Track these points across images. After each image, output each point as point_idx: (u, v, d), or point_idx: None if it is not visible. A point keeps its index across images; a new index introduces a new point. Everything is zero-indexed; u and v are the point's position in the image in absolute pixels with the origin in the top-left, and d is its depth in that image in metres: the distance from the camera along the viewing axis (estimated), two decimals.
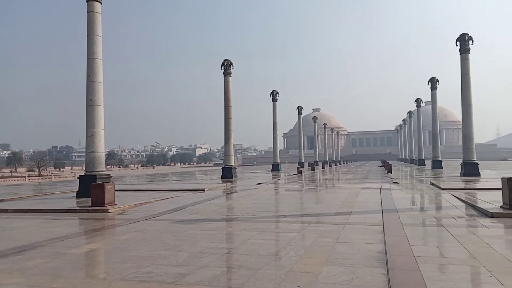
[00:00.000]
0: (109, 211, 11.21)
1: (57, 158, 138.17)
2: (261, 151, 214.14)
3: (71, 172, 69.73)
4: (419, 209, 11.45)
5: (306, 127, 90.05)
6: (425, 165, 47.62)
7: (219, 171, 34.19)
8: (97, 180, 14.28)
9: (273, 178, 29.09)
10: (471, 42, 24.75)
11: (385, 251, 5.92)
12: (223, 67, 29.25)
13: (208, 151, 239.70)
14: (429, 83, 40.83)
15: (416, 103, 53.52)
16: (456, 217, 9.13)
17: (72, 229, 9.11)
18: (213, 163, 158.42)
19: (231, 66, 29.42)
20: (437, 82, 40.51)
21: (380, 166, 51.95)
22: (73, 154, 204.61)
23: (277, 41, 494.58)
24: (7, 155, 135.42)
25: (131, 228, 8.67)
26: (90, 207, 11.66)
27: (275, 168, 42.49)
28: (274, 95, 44.24)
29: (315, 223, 8.76)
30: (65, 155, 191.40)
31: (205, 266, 5.34)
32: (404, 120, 79.15)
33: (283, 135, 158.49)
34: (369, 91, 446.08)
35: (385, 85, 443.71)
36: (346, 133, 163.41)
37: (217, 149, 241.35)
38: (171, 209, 11.64)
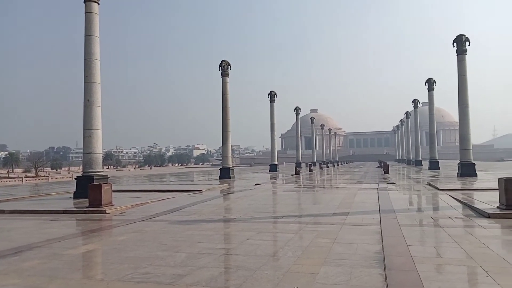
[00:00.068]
0: (107, 212, 11.19)
1: (54, 158, 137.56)
2: (259, 151, 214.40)
3: (68, 172, 69.46)
4: (416, 210, 11.51)
5: (303, 128, 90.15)
6: (422, 165, 47.72)
7: (216, 171, 34.20)
8: (94, 180, 14.25)
9: (271, 178, 29.10)
10: (468, 43, 24.89)
11: (383, 251, 5.94)
12: (221, 68, 29.25)
13: (205, 151, 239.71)
14: (426, 84, 40.94)
15: (413, 104, 53.67)
16: (453, 217, 9.17)
17: (69, 230, 9.08)
18: (211, 163, 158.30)
19: (229, 67, 29.42)
20: (434, 83, 40.64)
21: (377, 166, 52.08)
22: (70, 154, 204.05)
23: (275, 42, 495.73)
24: (4, 156, 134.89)
25: (128, 229, 8.65)
26: (87, 208, 11.63)
27: (273, 168, 42.51)
28: (271, 95, 44.25)
29: (313, 223, 8.77)
30: (62, 156, 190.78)
31: (203, 266, 5.34)
32: (401, 120, 79.32)
33: (280, 135, 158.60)
34: (367, 92, 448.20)
35: (382, 86, 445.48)
36: (343, 134, 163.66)
37: (215, 150, 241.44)
38: (168, 209, 11.63)
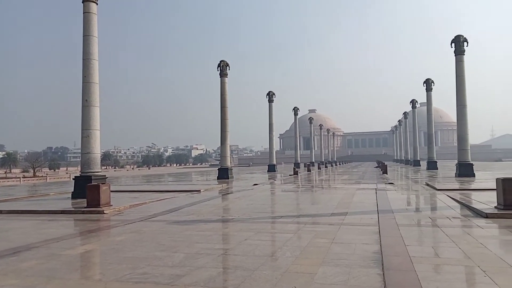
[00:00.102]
0: (105, 212, 11.17)
1: (52, 159, 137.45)
2: (257, 152, 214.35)
3: (66, 173, 69.31)
4: (414, 210, 11.53)
5: (302, 128, 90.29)
6: (420, 166, 47.81)
7: (215, 172, 34.19)
8: (92, 181, 14.22)
9: (269, 179, 29.10)
10: (466, 43, 24.92)
11: (381, 251, 5.94)
12: (219, 68, 29.23)
13: (204, 152, 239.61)
14: (424, 85, 41.02)
15: (411, 104, 53.79)
16: (451, 217, 9.19)
17: (67, 230, 9.06)
18: (209, 164, 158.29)
19: (227, 67, 29.40)
20: (432, 83, 40.72)
21: (375, 167, 52.14)
22: (68, 155, 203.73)
23: (273, 42, 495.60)
24: (1, 156, 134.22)
25: (126, 229, 8.64)
26: (85, 208, 11.61)
27: (271, 169, 42.51)
28: (270, 96, 44.24)
29: (311, 223, 8.78)
30: (60, 156, 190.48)
31: (201, 267, 5.34)
32: (399, 121, 79.50)
33: (279, 136, 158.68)
34: (365, 92, 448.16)
35: (380, 86, 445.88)
36: (342, 134, 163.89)
37: (213, 150, 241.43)
38: (167, 210, 11.62)
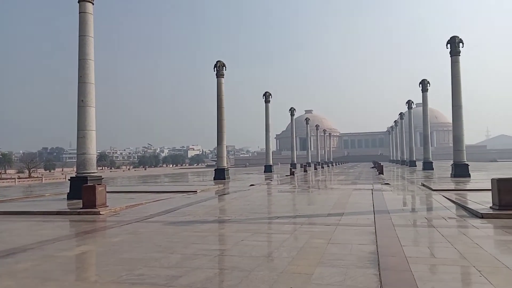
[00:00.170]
0: (101, 213, 11.12)
1: (48, 159, 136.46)
2: (254, 152, 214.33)
3: (62, 173, 68.86)
4: (410, 210, 11.57)
5: (298, 129, 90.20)
6: (416, 166, 47.97)
7: (211, 172, 34.12)
8: (88, 181, 14.16)
9: (266, 179, 29.11)
10: (461, 44, 25.04)
11: (377, 252, 5.96)
12: (215, 68, 29.20)
13: (200, 152, 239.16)
14: (420, 85, 41.20)
15: (407, 105, 53.95)
16: (446, 218, 9.23)
17: (63, 231, 9.02)
18: (206, 164, 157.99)
19: (224, 67, 29.38)
20: (428, 84, 40.90)
21: (371, 167, 52.26)
22: (64, 155, 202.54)
23: (269, 42, 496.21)
24: None
25: (123, 230, 8.61)
26: (81, 209, 11.56)
27: (268, 169, 42.53)
28: (266, 96, 44.28)
29: (308, 224, 8.79)
30: (56, 157, 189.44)
31: (198, 268, 5.33)
32: (395, 121, 79.69)
33: (275, 136, 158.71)
34: (361, 93, 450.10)
35: (377, 87, 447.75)
36: (338, 135, 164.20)
37: (210, 151, 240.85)
38: (163, 210, 11.59)
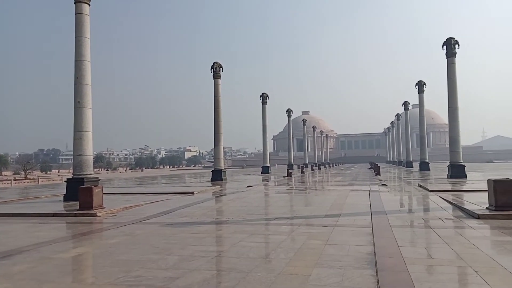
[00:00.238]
0: (97, 214, 11.08)
1: (44, 161, 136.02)
2: (251, 153, 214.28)
3: (58, 175, 68.55)
4: (407, 211, 11.60)
5: (295, 130, 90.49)
6: (413, 167, 48.14)
7: (208, 173, 34.12)
8: (85, 183, 14.10)
9: (263, 180, 29.12)
10: (457, 46, 25.19)
11: (374, 252, 5.97)
12: (212, 69, 29.17)
13: (197, 153, 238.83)
14: (417, 87, 41.39)
15: (403, 106, 54.22)
16: (443, 218, 9.26)
17: (59, 233, 8.98)
18: (203, 165, 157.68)
19: (221, 68, 29.36)
20: (424, 85, 41.09)
21: (368, 168, 52.39)
22: (60, 157, 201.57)
23: (266, 43, 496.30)
24: None
25: (119, 231, 8.58)
26: (77, 210, 11.51)
27: (265, 170, 42.50)
28: (263, 97, 44.26)
29: (305, 225, 8.79)
30: (52, 158, 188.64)
31: (195, 269, 5.32)
32: (392, 123, 80.00)
33: (272, 137, 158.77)
34: (358, 94, 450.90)
35: (373, 89, 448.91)
36: (335, 136, 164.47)
37: (207, 152, 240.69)
38: (160, 212, 11.56)
